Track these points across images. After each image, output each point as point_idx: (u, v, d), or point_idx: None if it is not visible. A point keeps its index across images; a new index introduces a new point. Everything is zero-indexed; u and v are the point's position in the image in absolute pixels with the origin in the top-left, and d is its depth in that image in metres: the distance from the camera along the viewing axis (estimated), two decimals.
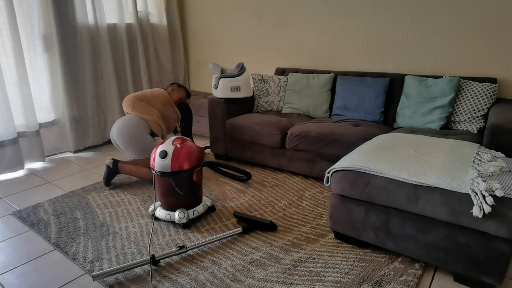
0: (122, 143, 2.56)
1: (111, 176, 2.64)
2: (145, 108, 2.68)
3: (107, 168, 2.61)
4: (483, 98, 2.43)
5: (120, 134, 2.55)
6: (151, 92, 2.80)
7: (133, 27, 3.82)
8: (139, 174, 2.62)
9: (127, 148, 2.57)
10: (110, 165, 2.60)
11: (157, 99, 2.77)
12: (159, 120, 2.72)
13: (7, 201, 2.50)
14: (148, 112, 2.68)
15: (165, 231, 2.07)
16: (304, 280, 1.63)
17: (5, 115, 2.89)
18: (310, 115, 3.11)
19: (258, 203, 2.39)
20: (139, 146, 2.56)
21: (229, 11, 3.89)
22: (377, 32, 3.01)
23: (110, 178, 2.64)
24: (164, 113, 2.80)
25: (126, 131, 2.54)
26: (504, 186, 1.46)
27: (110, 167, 2.60)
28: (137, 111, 2.65)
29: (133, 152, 2.58)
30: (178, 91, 2.96)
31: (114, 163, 2.59)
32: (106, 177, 2.62)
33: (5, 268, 1.77)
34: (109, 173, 2.61)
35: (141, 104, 2.68)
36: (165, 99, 2.81)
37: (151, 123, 2.65)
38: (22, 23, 3.02)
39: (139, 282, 1.65)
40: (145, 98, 2.73)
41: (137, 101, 2.69)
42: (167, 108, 2.82)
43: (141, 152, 2.58)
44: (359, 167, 1.72)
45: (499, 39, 2.52)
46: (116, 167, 2.60)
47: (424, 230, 1.58)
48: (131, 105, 2.67)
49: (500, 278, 1.46)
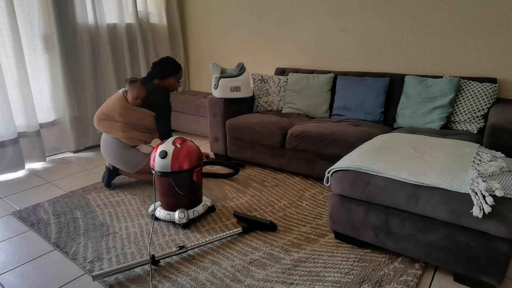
0: (113, 163, 2.54)
1: (111, 178, 2.63)
2: (109, 127, 2.46)
3: (107, 170, 2.60)
4: (483, 98, 2.43)
5: (107, 157, 2.53)
6: (106, 105, 2.49)
7: (133, 27, 3.82)
8: (139, 177, 2.61)
9: (119, 166, 2.54)
10: (110, 167, 2.59)
11: (114, 110, 2.44)
12: (126, 133, 2.47)
13: (7, 201, 2.50)
14: (112, 131, 2.45)
15: (165, 231, 2.07)
16: (304, 280, 1.63)
17: (6, 115, 2.89)
18: (310, 115, 3.11)
19: (258, 203, 2.39)
20: (125, 164, 2.50)
21: (229, 11, 3.89)
22: (377, 32, 3.01)
23: (110, 180, 2.62)
24: (129, 121, 2.47)
25: (108, 154, 2.50)
26: (504, 186, 1.46)
27: (110, 169, 2.59)
28: (105, 132, 2.48)
29: (124, 168, 2.54)
30: (131, 89, 2.46)
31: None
32: (107, 179, 2.60)
33: (5, 268, 1.78)
34: (110, 175, 2.60)
35: (104, 125, 2.47)
36: (120, 106, 2.44)
37: (123, 140, 2.47)
38: (23, 23, 3.02)
39: (139, 282, 1.65)
40: (104, 115, 2.47)
41: (99, 122, 2.48)
42: (128, 115, 2.46)
43: (131, 167, 2.52)
44: (359, 167, 1.72)
45: (499, 39, 2.52)
46: (116, 169, 2.60)
47: (424, 230, 1.58)
48: (97, 130, 2.53)
49: (500, 278, 1.46)
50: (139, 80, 2.52)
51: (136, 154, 2.52)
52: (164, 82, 2.62)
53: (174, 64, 2.63)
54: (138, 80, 2.51)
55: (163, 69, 2.59)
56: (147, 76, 2.66)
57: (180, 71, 2.66)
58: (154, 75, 2.61)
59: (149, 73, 2.64)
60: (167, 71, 2.59)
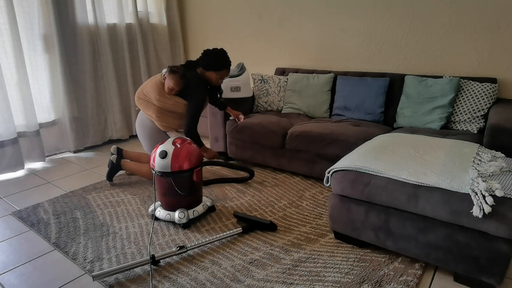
0: (139, 138, 2.67)
1: (114, 172, 2.66)
2: (146, 107, 2.54)
3: (110, 163, 2.63)
4: (483, 98, 2.43)
5: (137, 130, 2.65)
6: (146, 85, 2.55)
7: (133, 27, 3.82)
8: (140, 173, 2.62)
9: (142, 142, 2.65)
10: (113, 160, 2.62)
11: (151, 93, 2.49)
12: (159, 117, 2.51)
13: (7, 201, 2.50)
14: (148, 111, 2.54)
15: (165, 231, 2.07)
16: (304, 280, 1.63)
17: (5, 115, 2.89)
18: (310, 115, 3.11)
19: (258, 203, 2.39)
20: (149, 143, 2.60)
21: (229, 11, 3.89)
22: (377, 32, 3.01)
23: (112, 174, 2.66)
24: (164, 107, 2.48)
25: (139, 127, 2.62)
26: (504, 186, 1.46)
27: (113, 162, 2.62)
28: (142, 109, 2.58)
29: (145, 147, 2.65)
30: (168, 79, 2.44)
31: (117, 159, 2.63)
32: (109, 172, 2.64)
33: (5, 268, 1.77)
34: (112, 169, 2.64)
35: (141, 103, 2.56)
36: (157, 92, 2.47)
37: (156, 123, 2.56)
38: (22, 23, 3.02)
39: (139, 282, 1.65)
40: (142, 94, 2.55)
41: (138, 100, 2.58)
42: (163, 101, 2.47)
43: (152, 148, 2.60)
44: (359, 167, 1.72)
45: (499, 39, 2.52)
46: (118, 163, 2.64)
47: (424, 230, 1.58)
48: (136, 106, 2.66)
49: (500, 278, 1.46)
50: (180, 71, 2.43)
51: (161, 139, 2.58)
52: (206, 73, 2.52)
53: (223, 59, 2.48)
54: (178, 72, 2.42)
55: (210, 60, 2.47)
56: (195, 61, 2.57)
57: (223, 70, 2.51)
58: (200, 62, 2.51)
59: (198, 59, 2.54)
60: (212, 64, 2.47)
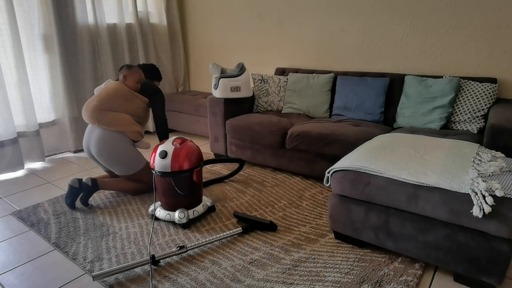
0: (106, 163, 2.33)
1: (90, 194, 2.32)
2: (113, 119, 2.28)
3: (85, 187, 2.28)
4: (483, 98, 2.43)
5: (102, 155, 2.30)
6: (106, 93, 2.33)
7: (133, 27, 3.82)
8: (124, 189, 2.43)
9: (113, 167, 2.35)
10: (88, 182, 2.29)
11: (118, 97, 2.32)
12: (134, 125, 2.37)
13: (7, 201, 2.50)
14: (119, 123, 2.30)
15: (165, 231, 2.07)
16: (304, 280, 1.63)
17: (5, 115, 2.89)
18: (310, 115, 3.11)
19: (258, 203, 2.39)
20: (125, 163, 2.34)
21: (229, 11, 3.89)
22: (377, 32, 3.01)
23: (88, 196, 2.32)
24: (134, 110, 2.38)
25: (107, 151, 2.28)
26: (504, 186, 1.46)
27: (88, 185, 2.29)
28: (107, 125, 2.28)
29: (120, 170, 2.36)
30: (132, 73, 2.39)
31: (93, 180, 2.31)
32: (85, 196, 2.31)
33: (5, 268, 1.77)
34: (88, 192, 2.30)
35: (107, 116, 2.28)
36: (125, 92, 2.35)
37: (128, 133, 2.34)
38: (22, 23, 3.02)
39: (139, 282, 1.65)
40: (106, 104, 2.30)
41: (100, 113, 2.27)
42: (133, 102, 2.37)
43: (130, 168, 2.37)
44: (359, 167, 1.72)
45: (499, 39, 2.52)
46: (95, 184, 2.31)
47: (424, 230, 1.58)
48: (95, 121, 2.27)
49: (500, 278, 1.46)
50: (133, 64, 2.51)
51: (137, 152, 2.40)
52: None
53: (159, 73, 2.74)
54: (134, 65, 2.49)
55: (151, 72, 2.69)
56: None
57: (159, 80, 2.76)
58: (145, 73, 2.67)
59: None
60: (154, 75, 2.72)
